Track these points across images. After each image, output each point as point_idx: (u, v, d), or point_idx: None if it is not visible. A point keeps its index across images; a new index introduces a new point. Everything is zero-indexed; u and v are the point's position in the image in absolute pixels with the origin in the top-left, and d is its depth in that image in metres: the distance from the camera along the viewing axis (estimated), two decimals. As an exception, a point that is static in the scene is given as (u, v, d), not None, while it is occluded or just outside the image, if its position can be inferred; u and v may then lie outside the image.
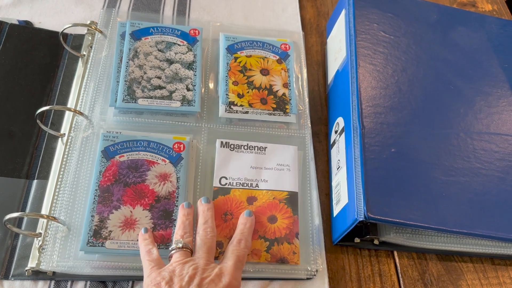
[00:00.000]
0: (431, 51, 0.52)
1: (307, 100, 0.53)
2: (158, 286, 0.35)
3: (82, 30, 0.55)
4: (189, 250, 0.40)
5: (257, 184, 0.47)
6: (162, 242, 0.42)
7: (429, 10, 0.55)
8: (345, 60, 0.50)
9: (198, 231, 0.41)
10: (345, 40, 0.51)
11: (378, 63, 0.49)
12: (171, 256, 0.40)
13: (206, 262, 0.38)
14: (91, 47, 0.53)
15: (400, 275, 0.45)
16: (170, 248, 0.40)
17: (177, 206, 0.44)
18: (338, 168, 0.47)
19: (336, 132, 0.50)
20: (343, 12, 0.54)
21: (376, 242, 0.45)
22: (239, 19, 0.61)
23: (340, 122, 0.49)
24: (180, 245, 0.39)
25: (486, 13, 0.66)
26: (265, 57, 0.54)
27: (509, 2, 0.77)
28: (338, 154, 0.48)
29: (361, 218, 0.40)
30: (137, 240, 0.42)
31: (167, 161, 0.45)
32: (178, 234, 0.41)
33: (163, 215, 0.43)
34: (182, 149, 0.46)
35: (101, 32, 0.53)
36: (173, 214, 0.43)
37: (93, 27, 0.53)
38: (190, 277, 0.36)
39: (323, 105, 0.55)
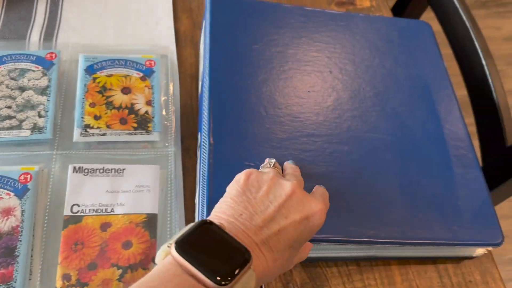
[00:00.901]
0: (293, 56, 0.51)
1: (173, 116, 0.52)
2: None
3: None
4: (280, 170, 0.39)
5: (112, 209, 0.45)
6: (3, 281, 0.40)
7: (293, 14, 0.55)
8: (203, 72, 0.49)
9: (286, 173, 0.40)
10: (203, 52, 0.51)
11: (234, 75, 0.48)
12: None
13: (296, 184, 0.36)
14: None
15: (262, 289, 0.44)
16: (261, 166, 0.40)
17: (20, 241, 0.42)
18: (197, 186, 0.46)
19: (198, 148, 0.49)
20: (203, 23, 0.53)
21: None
22: (111, 37, 0.59)
23: (199, 137, 0.48)
24: (273, 161, 0.39)
25: (364, 10, 0.66)
26: (128, 75, 0.53)
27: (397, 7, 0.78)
28: (199, 171, 0.47)
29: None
30: (-27, 285, 0.40)
31: (12, 194, 0.44)
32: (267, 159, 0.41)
33: (5, 253, 0.41)
34: (29, 179, 0.44)
35: (-51, 64, 0.51)
36: (16, 250, 0.41)
37: None
38: (275, 195, 0.34)
39: (195, 119, 0.54)
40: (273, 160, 0.41)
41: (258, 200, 0.34)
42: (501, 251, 1.21)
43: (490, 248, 0.47)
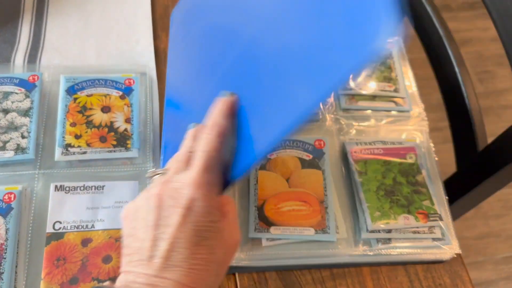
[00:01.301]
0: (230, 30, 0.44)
1: (151, 132, 0.54)
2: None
3: None
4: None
5: (93, 225, 0.47)
6: (-12, 297, 0.42)
7: None
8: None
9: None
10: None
11: (182, 87, 0.50)
12: None
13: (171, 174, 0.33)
14: None
15: (237, 298, 0.46)
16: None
17: (5, 258, 0.44)
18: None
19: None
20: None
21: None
22: (92, 56, 0.61)
23: (168, 149, 0.50)
24: (152, 169, 0.36)
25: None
26: (107, 94, 0.55)
27: None
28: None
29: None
30: (-40, 300, 0.42)
31: (-4, 214, 0.46)
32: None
33: (-11, 270, 0.43)
34: (12, 199, 0.46)
35: None
36: (1, 268, 0.43)
37: None
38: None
39: (174, 133, 0.56)
40: (152, 169, 0.38)
41: (139, 229, 0.31)
42: (493, 251, 1.22)
43: (459, 252, 0.49)
